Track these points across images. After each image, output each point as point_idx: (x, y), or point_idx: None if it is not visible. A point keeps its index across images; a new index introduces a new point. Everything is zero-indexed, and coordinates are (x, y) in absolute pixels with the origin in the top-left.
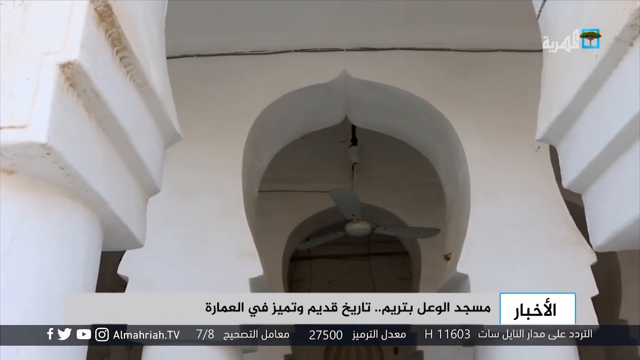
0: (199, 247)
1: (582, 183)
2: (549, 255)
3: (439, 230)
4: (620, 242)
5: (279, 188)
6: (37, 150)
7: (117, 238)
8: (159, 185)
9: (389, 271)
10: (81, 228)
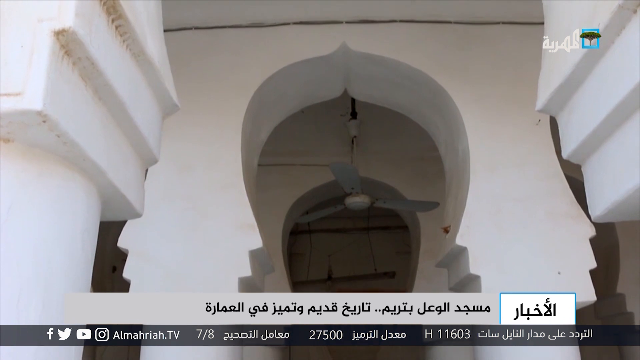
0: (199, 220)
1: (581, 154)
2: (547, 229)
3: (438, 203)
4: (619, 212)
5: (279, 162)
6: (33, 118)
7: (116, 208)
8: (157, 155)
9: (389, 245)
10: (79, 197)
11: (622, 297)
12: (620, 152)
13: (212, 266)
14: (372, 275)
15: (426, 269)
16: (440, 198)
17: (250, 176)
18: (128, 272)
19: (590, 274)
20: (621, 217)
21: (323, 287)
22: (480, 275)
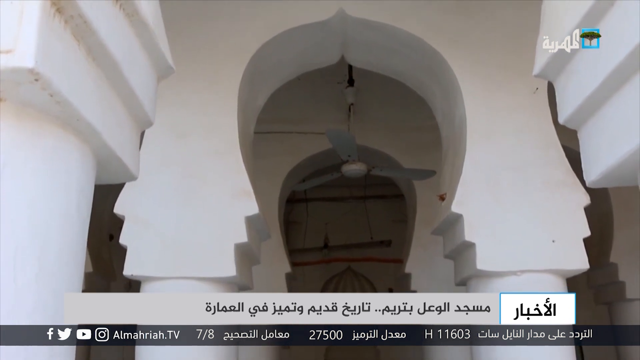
0: (195, 186)
1: (578, 119)
2: (543, 197)
3: (434, 172)
4: (615, 177)
5: (275, 129)
6: (25, 76)
7: (111, 170)
8: (152, 118)
9: (385, 213)
10: (74, 158)
11: (615, 266)
12: (617, 116)
13: (208, 232)
14: (368, 243)
15: (422, 237)
16: (437, 166)
17: (247, 143)
18: (124, 238)
19: (583, 244)
20: (616, 183)
21: (319, 255)
22: (476, 243)
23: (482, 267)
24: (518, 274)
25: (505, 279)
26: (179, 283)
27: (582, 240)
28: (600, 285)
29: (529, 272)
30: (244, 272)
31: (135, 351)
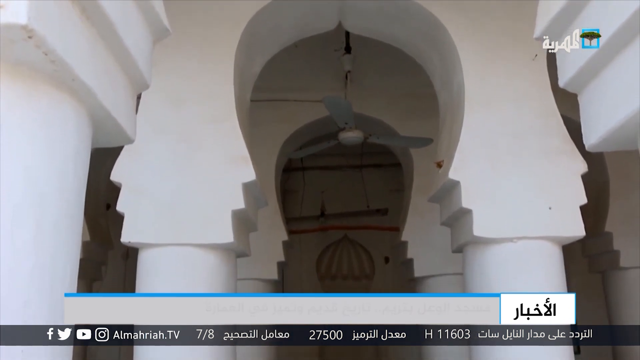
0: (191, 153)
1: (578, 82)
2: (540, 164)
3: (432, 140)
4: (614, 141)
5: (271, 97)
6: (18, 33)
7: (107, 132)
8: (148, 80)
9: (381, 182)
10: (69, 118)
11: (610, 235)
12: (618, 79)
13: (205, 199)
14: (364, 212)
15: (419, 205)
16: (434, 135)
17: (243, 110)
18: (121, 205)
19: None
20: (616, 147)
21: (316, 223)
22: (472, 210)
23: (479, 234)
24: (514, 240)
25: (501, 245)
26: (177, 250)
27: (579, 208)
28: (595, 254)
29: (525, 239)
30: (241, 239)
31: (133, 351)
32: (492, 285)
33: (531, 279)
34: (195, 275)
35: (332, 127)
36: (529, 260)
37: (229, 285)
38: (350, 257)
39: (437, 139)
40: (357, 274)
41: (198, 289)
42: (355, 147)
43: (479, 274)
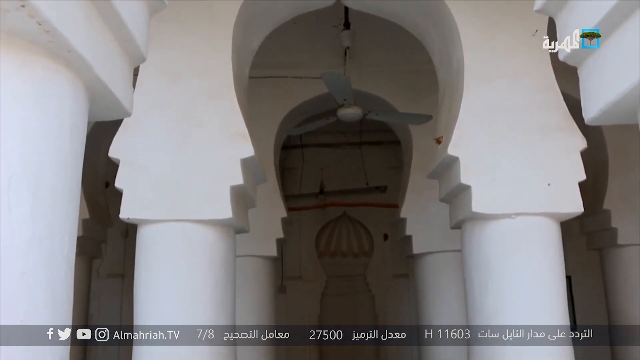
0: (189, 129)
1: (579, 55)
2: (539, 140)
3: (431, 116)
4: (613, 114)
5: (270, 74)
6: (11, 2)
7: (104, 105)
8: (144, 53)
9: (380, 160)
10: (65, 90)
11: (608, 213)
12: (618, 52)
13: (204, 175)
14: (363, 189)
15: (417, 183)
16: (433, 112)
17: (241, 86)
18: (120, 181)
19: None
20: (615, 120)
21: (315, 200)
22: (471, 185)
23: (477, 210)
24: (513, 216)
25: (500, 221)
26: (175, 225)
27: (578, 184)
28: (593, 232)
29: (524, 215)
30: (240, 215)
31: (132, 352)
32: (491, 261)
33: (529, 255)
34: (194, 251)
35: (331, 104)
36: (528, 236)
37: (228, 262)
38: (350, 235)
39: (436, 116)
40: (356, 251)
41: (197, 264)
42: (354, 124)
43: (477, 250)
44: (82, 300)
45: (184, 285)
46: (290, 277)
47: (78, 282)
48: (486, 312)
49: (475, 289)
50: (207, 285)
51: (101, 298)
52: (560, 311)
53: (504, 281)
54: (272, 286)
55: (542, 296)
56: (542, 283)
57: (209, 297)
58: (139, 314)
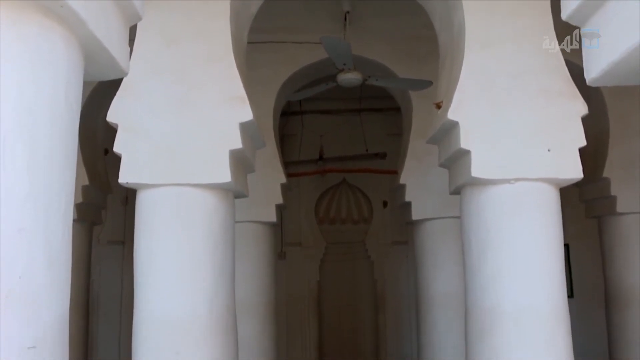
0: (188, 93)
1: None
2: (540, 105)
3: (431, 82)
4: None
5: (269, 39)
6: None
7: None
8: (140, 11)
9: (380, 127)
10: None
11: (607, 181)
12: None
13: (202, 139)
14: (363, 156)
15: (417, 149)
16: (434, 78)
17: (240, 50)
18: (118, 146)
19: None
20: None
21: (314, 167)
22: (471, 150)
23: (477, 175)
24: (512, 182)
25: (499, 187)
26: (174, 190)
27: (578, 150)
28: (592, 200)
29: (523, 181)
30: (239, 179)
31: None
32: (489, 226)
33: (528, 220)
34: (194, 216)
35: (331, 69)
36: (527, 202)
37: (227, 226)
38: (349, 201)
39: (437, 81)
40: (356, 218)
41: (196, 229)
42: (354, 91)
43: (476, 216)
44: (83, 267)
45: (184, 249)
46: (289, 244)
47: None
48: (484, 277)
49: (473, 254)
50: (207, 249)
51: (102, 265)
52: (557, 277)
53: (502, 246)
54: (271, 252)
55: (540, 261)
56: (541, 248)
57: (209, 261)
58: (139, 279)
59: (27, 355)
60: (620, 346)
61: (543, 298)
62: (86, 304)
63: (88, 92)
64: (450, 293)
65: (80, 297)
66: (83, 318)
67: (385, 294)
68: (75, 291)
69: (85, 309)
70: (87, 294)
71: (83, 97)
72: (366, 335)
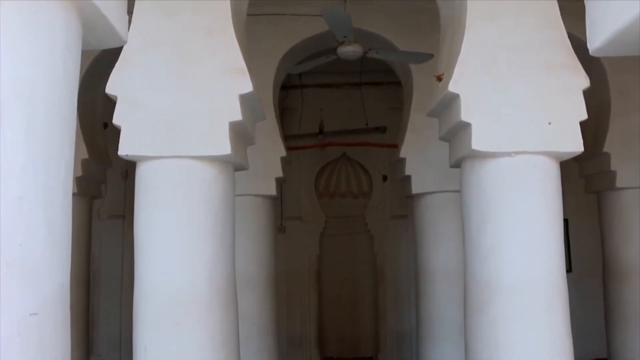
0: (187, 65)
1: None
2: (542, 78)
3: (432, 55)
4: (619, 44)
5: (269, 11)
6: None
7: (98, 32)
8: None
9: (381, 101)
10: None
11: (608, 156)
12: None
13: (202, 111)
14: (363, 129)
15: (418, 122)
16: (435, 51)
17: (240, 21)
18: (118, 118)
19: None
20: (620, 51)
21: (314, 140)
22: (471, 123)
23: (477, 148)
24: (513, 155)
25: (499, 159)
26: (174, 162)
27: (579, 124)
28: (592, 175)
29: (524, 154)
30: (239, 152)
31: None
32: (489, 199)
33: (528, 193)
34: (193, 188)
35: (331, 42)
36: (527, 175)
37: (227, 198)
38: (349, 175)
39: (438, 54)
40: (355, 192)
41: (196, 201)
42: (355, 64)
43: (476, 188)
44: (84, 241)
45: (183, 221)
46: (289, 218)
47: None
48: (483, 249)
49: (473, 227)
50: (207, 221)
51: (103, 239)
52: (557, 249)
53: (502, 219)
54: (271, 226)
55: (540, 234)
56: (540, 221)
57: (209, 233)
58: (139, 251)
59: (29, 322)
60: (617, 320)
61: (542, 270)
62: (87, 278)
63: (86, 66)
64: (450, 267)
65: (81, 271)
66: (84, 292)
67: (384, 267)
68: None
69: (86, 283)
70: (87, 268)
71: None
72: (365, 309)
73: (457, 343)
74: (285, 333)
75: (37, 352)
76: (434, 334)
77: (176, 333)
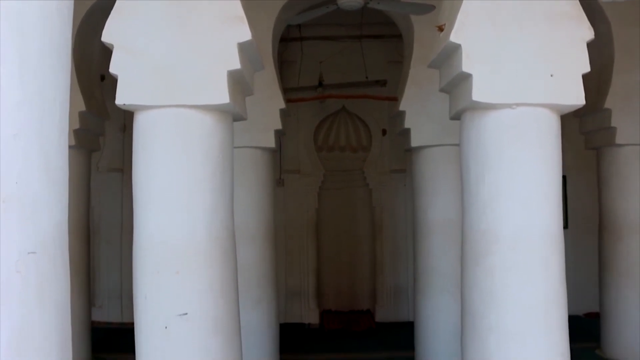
0: (184, 13)
1: None
2: (545, 29)
3: (434, 7)
4: None
5: None
6: None
7: None
8: None
9: (381, 54)
10: None
11: (609, 112)
12: None
13: (200, 59)
14: (363, 82)
15: (418, 75)
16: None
17: None
18: (114, 67)
19: None
20: None
21: (313, 93)
22: (472, 74)
23: (478, 99)
24: (513, 107)
25: (499, 111)
26: (172, 111)
27: (581, 76)
28: (592, 131)
29: (524, 106)
30: (237, 101)
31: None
32: (488, 150)
33: (528, 145)
34: (192, 137)
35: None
36: (527, 127)
37: (225, 148)
38: (348, 129)
39: (439, 6)
40: (354, 146)
41: (194, 150)
42: (355, 16)
43: (476, 140)
44: (83, 193)
45: (182, 170)
46: (288, 171)
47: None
48: (482, 200)
49: (471, 178)
50: (205, 170)
51: (102, 192)
52: (554, 201)
53: (501, 170)
54: (270, 178)
55: (538, 186)
56: (539, 173)
57: (207, 183)
58: (137, 201)
59: (27, 260)
60: (611, 275)
61: (539, 222)
62: (87, 230)
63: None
64: (448, 220)
65: (80, 223)
66: (84, 244)
67: (383, 221)
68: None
69: (86, 235)
70: (87, 221)
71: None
72: (363, 262)
73: (454, 295)
74: (285, 285)
75: (37, 290)
76: (431, 287)
77: (176, 282)
